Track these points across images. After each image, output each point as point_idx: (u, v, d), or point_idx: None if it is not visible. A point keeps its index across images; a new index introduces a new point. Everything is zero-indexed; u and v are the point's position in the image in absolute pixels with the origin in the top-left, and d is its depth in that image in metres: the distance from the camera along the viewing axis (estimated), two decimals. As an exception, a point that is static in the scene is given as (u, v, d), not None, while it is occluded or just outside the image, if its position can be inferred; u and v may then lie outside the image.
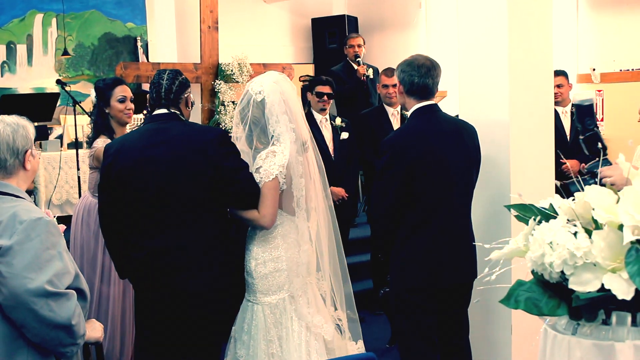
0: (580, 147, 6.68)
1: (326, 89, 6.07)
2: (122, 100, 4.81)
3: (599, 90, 8.83)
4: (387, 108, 6.38)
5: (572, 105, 6.88)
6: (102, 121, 4.79)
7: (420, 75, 4.02)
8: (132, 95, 4.93)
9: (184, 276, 3.70)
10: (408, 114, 4.14)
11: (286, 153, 3.85)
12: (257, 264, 3.88)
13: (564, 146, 6.10)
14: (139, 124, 9.74)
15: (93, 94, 4.98)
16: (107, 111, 4.82)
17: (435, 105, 4.12)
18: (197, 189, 3.69)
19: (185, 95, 3.91)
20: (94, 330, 3.09)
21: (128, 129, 5.00)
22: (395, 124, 6.30)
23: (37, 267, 2.70)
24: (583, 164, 6.29)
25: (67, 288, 2.80)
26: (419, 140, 3.97)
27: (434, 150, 3.96)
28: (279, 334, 3.83)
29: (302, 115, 4.03)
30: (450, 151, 4.00)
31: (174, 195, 3.68)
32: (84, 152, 6.60)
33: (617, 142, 8.29)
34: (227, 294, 3.84)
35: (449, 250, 4.01)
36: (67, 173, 7.85)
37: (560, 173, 5.53)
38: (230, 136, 3.98)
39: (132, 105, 4.86)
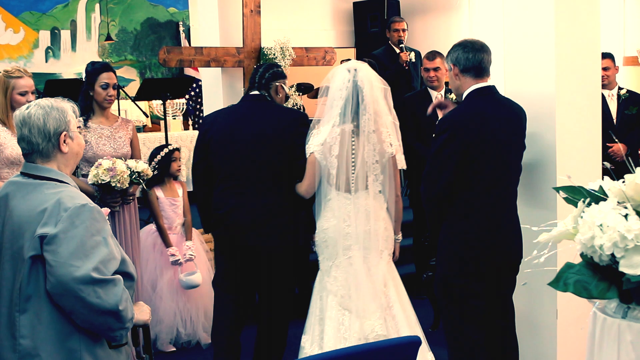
0: (626, 130, 6.59)
1: None
2: (105, 87, 4.96)
3: (646, 73, 8.69)
4: (431, 92, 6.32)
5: (619, 88, 6.77)
6: (84, 102, 4.92)
7: (476, 50, 3.99)
8: (116, 82, 5.09)
9: (255, 231, 4.41)
10: (463, 97, 4.07)
11: (325, 133, 4.27)
12: (317, 232, 4.40)
13: (610, 130, 6.02)
14: (181, 109, 9.85)
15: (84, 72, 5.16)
16: (91, 94, 4.96)
17: (493, 86, 4.06)
18: (274, 160, 4.40)
19: (277, 84, 4.61)
20: (141, 313, 3.09)
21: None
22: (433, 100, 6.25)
23: (83, 255, 2.69)
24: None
25: (113, 273, 2.79)
26: (478, 121, 3.92)
27: (492, 131, 3.91)
28: (321, 302, 4.34)
29: (372, 101, 4.27)
30: (506, 134, 3.96)
31: (254, 163, 4.39)
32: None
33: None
34: (290, 249, 4.53)
35: (499, 233, 3.98)
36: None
37: (607, 157, 5.46)
38: (310, 119, 4.50)
39: (114, 92, 5.04)
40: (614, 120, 6.59)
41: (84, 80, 5.08)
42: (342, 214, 4.30)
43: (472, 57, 3.99)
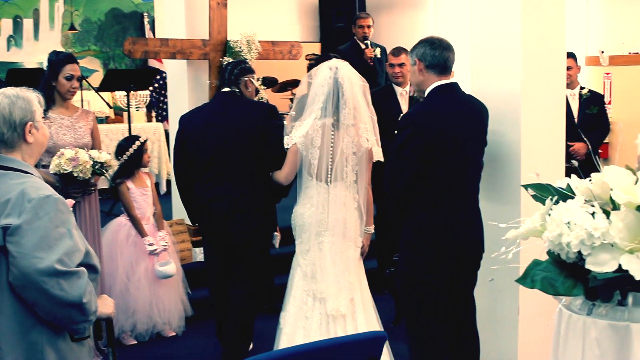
0: (587, 130, 6.68)
1: None
2: (69, 78, 4.94)
3: (607, 73, 8.79)
4: (396, 88, 6.34)
5: (580, 87, 6.86)
6: (46, 92, 4.82)
7: (443, 48, 4.05)
8: (80, 74, 5.08)
9: (235, 217, 4.74)
10: (426, 93, 4.10)
11: (307, 125, 4.53)
12: (293, 217, 4.66)
13: (572, 129, 6.08)
14: (144, 101, 9.78)
15: (45, 61, 5.09)
16: (53, 84, 4.92)
17: (456, 83, 4.11)
18: (247, 151, 4.72)
19: (245, 79, 4.95)
20: (105, 306, 3.06)
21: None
22: (404, 103, 6.26)
23: (46, 246, 2.66)
24: None
25: (78, 265, 2.77)
26: (441, 116, 3.98)
27: (453, 127, 3.96)
28: (292, 280, 4.65)
29: (352, 97, 4.55)
30: (467, 130, 4.02)
31: (229, 155, 4.71)
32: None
33: (624, 125, 8.27)
34: (264, 234, 4.88)
35: (461, 229, 4.02)
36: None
37: (568, 155, 5.51)
38: (281, 114, 4.95)
39: (77, 84, 5.03)
40: (576, 120, 6.67)
41: (45, 69, 5.02)
42: (318, 202, 4.56)
43: (439, 54, 4.03)
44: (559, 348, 2.25)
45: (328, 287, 4.53)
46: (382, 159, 4.68)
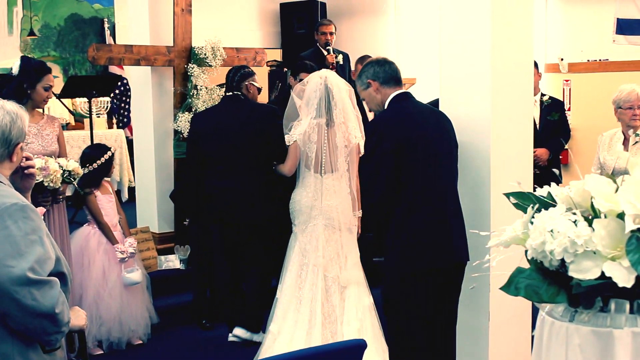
0: (549, 136, 6.77)
1: None
2: (47, 89, 4.95)
3: (567, 80, 8.92)
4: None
5: (541, 94, 6.96)
6: (16, 99, 4.72)
7: (389, 63, 4.27)
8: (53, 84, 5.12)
9: (241, 207, 5.45)
10: (386, 103, 4.20)
11: (304, 125, 5.31)
12: (290, 203, 5.40)
13: (534, 135, 6.16)
14: (105, 107, 9.68)
15: (16, 65, 5.02)
16: (28, 92, 4.88)
17: (409, 92, 4.28)
18: (252, 148, 5.42)
19: (246, 83, 5.61)
20: (77, 317, 3.03)
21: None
22: (370, 113, 6.34)
23: (17, 254, 2.60)
24: None
25: (49, 274, 2.73)
26: (404, 121, 4.07)
27: (419, 132, 4.03)
28: (289, 255, 5.38)
29: (340, 99, 5.34)
30: (433, 134, 4.08)
31: (236, 152, 5.42)
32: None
33: (584, 132, 8.40)
34: (267, 222, 5.53)
35: (442, 233, 4.04)
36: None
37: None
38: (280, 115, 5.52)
39: (52, 95, 5.11)
40: (537, 126, 6.76)
41: (14, 74, 4.94)
42: (312, 190, 5.32)
43: (389, 68, 4.24)
44: (541, 355, 2.26)
45: (321, 258, 5.24)
46: None
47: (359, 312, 5.21)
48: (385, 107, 4.20)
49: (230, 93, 5.62)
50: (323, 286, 5.22)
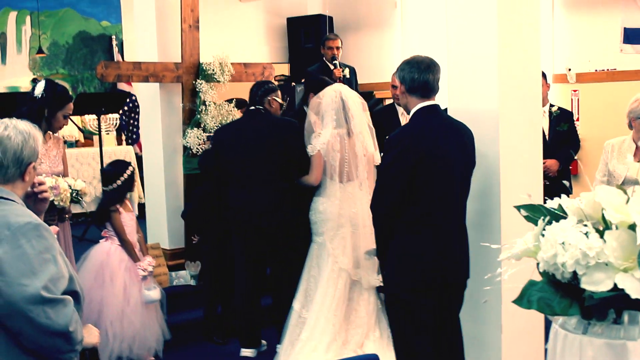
0: (558, 147, 6.75)
1: None
2: (66, 117, 4.99)
3: (575, 90, 8.90)
4: (398, 107, 6.42)
5: (550, 105, 6.94)
6: (33, 120, 4.71)
7: (421, 71, 4.01)
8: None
9: (263, 218, 5.52)
10: (410, 115, 4.12)
11: (327, 135, 5.50)
12: (312, 213, 5.57)
13: (543, 146, 6.15)
14: (114, 124, 9.71)
15: (39, 87, 4.94)
16: (47, 116, 4.86)
17: (438, 105, 4.11)
18: (273, 161, 5.53)
19: (269, 98, 5.71)
20: (90, 335, 3.03)
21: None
22: (405, 122, 6.33)
23: (31, 273, 2.61)
24: None
25: (63, 292, 2.73)
26: (426, 138, 3.97)
27: (439, 149, 3.96)
28: (318, 263, 5.55)
29: (356, 111, 5.59)
30: (453, 152, 4.01)
31: (257, 165, 5.52)
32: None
33: (593, 142, 8.36)
34: (286, 231, 5.62)
35: (448, 249, 4.03)
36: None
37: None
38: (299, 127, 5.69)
39: (68, 122, 5.19)
40: (547, 137, 6.75)
41: (35, 96, 4.89)
42: (335, 199, 5.50)
43: (418, 77, 4.03)
44: (555, 368, 2.25)
45: (350, 264, 5.47)
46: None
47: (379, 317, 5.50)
48: (410, 117, 4.13)
49: (253, 107, 5.73)
50: (348, 292, 5.46)
